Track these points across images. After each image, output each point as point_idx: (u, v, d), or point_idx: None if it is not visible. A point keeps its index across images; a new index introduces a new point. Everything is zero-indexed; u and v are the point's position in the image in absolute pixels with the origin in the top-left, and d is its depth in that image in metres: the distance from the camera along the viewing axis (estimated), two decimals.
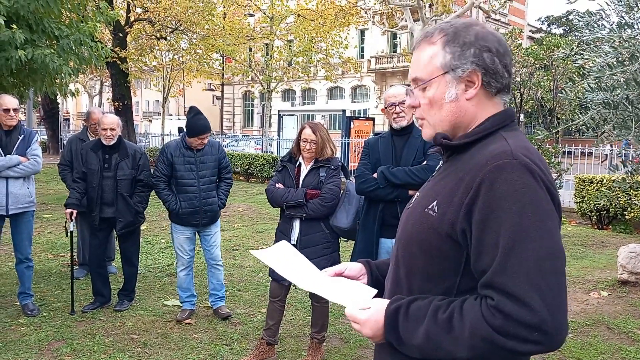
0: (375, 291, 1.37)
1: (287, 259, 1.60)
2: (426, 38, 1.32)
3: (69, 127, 42.24)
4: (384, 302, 1.27)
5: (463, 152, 1.28)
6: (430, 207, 1.26)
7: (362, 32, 36.89)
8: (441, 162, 1.40)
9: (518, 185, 1.12)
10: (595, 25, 3.81)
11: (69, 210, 4.45)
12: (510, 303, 1.07)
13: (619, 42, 3.67)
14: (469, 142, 1.27)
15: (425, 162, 3.21)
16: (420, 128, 1.40)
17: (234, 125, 46.69)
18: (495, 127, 1.27)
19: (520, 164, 1.14)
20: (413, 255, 1.29)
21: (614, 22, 3.76)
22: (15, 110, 4.35)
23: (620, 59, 3.64)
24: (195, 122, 4.21)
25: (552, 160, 9.68)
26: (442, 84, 1.28)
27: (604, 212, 8.98)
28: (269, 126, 24.79)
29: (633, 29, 3.67)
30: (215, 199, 4.43)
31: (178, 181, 4.31)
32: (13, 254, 4.68)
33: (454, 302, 1.17)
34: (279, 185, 3.71)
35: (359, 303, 1.30)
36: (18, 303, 4.56)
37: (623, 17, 3.75)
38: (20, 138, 4.38)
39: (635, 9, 3.70)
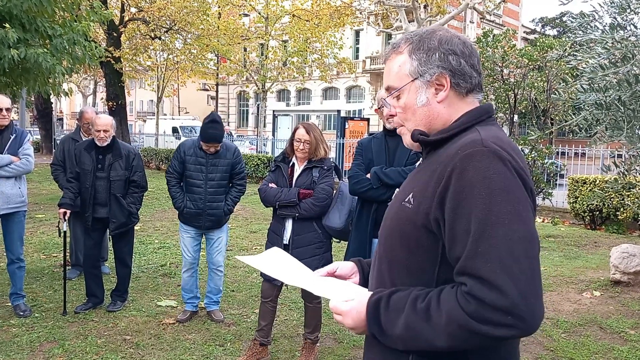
0: (365, 290, 1.37)
1: (277, 262, 1.59)
2: (394, 49, 1.37)
3: (62, 127, 42.05)
4: (366, 294, 1.28)
5: (440, 148, 1.30)
6: (406, 200, 1.28)
7: (357, 33, 36.86)
8: (420, 159, 1.42)
9: (488, 172, 1.13)
10: (589, 27, 3.83)
11: (62, 210, 4.43)
12: (482, 288, 1.08)
13: (612, 43, 3.69)
14: (446, 137, 1.29)
15: (418, 162, 3.21)
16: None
17: (228, 125, 46.52)
18: (472, 122, 1.28)
19: (490, 151, 1.16)
20: (393, 249, 1.31)
21: (606, 24, 3.78)
22: (7, 109, 4.33)
23: (612, 60, 3.66)
24: (206, 130, 4.17)
25: (546, 160, 9.72)
26: (413, 90, 1.32)
27: (597, 213, 9.03)
28: (264, 126, 24.73)
29: (625, 31, 3.69)
30: (222, 203, 4.36)
31: (187, 180, 4.32)
32: (4, 254, 4.65)
33: (432, 292, 1.18)
34: (272, 184, 3.71)
35: (342, 295, 1.30)
36: (10, 304, 4.53)
37: (616, 19, 3.77)
38: (12, 137, 4.35)
39: (628, 10, 3.72)
